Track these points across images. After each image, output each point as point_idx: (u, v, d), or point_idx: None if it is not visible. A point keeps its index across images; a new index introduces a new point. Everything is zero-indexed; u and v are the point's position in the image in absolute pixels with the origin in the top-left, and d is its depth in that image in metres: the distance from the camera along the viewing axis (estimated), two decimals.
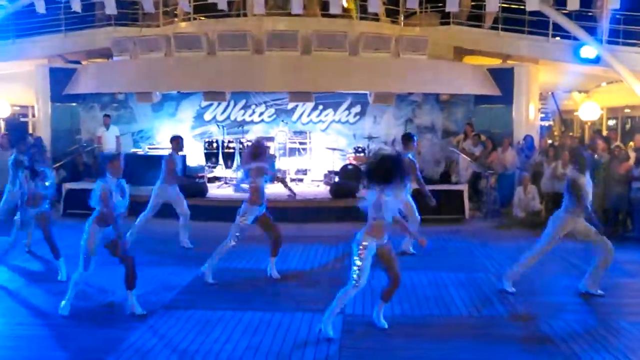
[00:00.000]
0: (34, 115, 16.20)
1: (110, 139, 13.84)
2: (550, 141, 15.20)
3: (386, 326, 5.71)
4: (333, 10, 13.56)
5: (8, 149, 12.29)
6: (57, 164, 12.61)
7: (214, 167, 13.88)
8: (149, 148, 14.14)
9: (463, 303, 6.53)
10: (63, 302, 6.08)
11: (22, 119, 18.59)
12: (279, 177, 8.69)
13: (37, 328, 5.78)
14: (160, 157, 13.70)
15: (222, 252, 7.36)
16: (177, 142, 9.22)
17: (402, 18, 15.94)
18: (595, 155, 10.66)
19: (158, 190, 9.04)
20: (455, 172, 13.66)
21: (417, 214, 8.41)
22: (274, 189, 12.88)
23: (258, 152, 7.49)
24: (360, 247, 5.54)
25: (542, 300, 6.68)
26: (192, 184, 11.96)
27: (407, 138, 8.68)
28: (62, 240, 7.64)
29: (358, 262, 5.53)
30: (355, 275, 5.53)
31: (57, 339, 5.46)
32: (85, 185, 11.72)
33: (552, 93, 17.10)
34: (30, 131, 17.08)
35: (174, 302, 6.47)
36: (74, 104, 14.67)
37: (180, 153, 9.46)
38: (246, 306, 6.39)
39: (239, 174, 8.84)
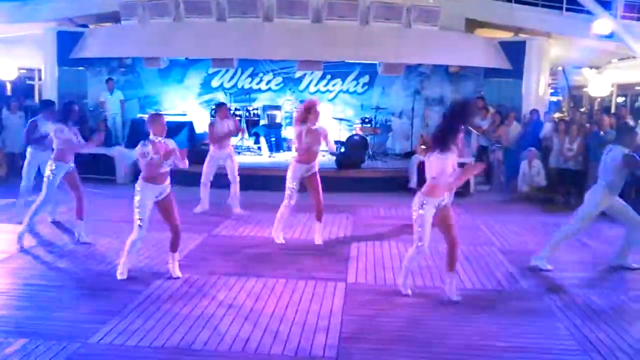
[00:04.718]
0: (40, 79, 16.14)
1: (114, 104, 13.83)
2: (557, 116, 15.13)
3: (459, 300, 5.73)
4: None
5: (16, 112, 12.36)
6: None
7: None
8: None
9: (467, 276, 6.55)
10: (119, 269, 6.14)
11: (28, 82, 18.54)
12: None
13: (43, 290, 5.83)
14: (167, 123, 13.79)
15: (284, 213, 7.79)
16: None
17: None
18: (601, 132, 10.61)
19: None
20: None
21: None
22: (280, 157, 13.01)
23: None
24: (420, 208, 5.63)
25: (546, 275, 6.70)
26: (198, 150, 11.97)
27: None
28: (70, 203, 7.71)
29: (419, 225, 5.66)
30: (417, 237, 5.69)
31: (61, 301, 5.53)
32: (92, 149, 11.74)
33: (563, 68, 16.90)
34: (37, 94, 17.12)
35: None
36: (81, 68, 14.61)
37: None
38: (250, 272, 6.45)
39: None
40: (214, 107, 11.55)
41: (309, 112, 7.50)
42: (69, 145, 7.42)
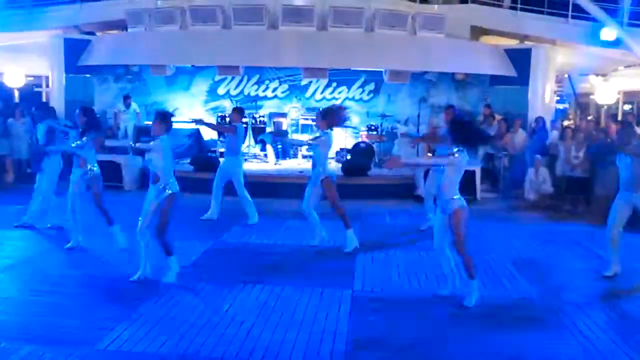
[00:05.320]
0: (47, 86, 16.22)
1: (129, 115, 14.05)
2: (565, 123, 15.10)
3: (470, 307, 5.77)
4: None
5: (20, 118, 12.40)
6: None
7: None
8: None
9: None
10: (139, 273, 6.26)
11: (35, 89, 18.63)
12: None
13: (50, 296, 5.84)
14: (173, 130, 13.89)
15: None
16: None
17: None
18: (608, 139, 10.57)
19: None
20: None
21: None
22: (286, 165, 13.03)
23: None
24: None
25: (553, 283, 6.67)
26: (205, 157, 12.03)
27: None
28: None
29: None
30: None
31: (68, 308, 5.52)
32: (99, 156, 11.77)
33: (569, 75, 16.88)
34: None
35: (185, 274, 6.49)
36: (88, 75, 14.67)
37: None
38: (256, 280, 6.42)
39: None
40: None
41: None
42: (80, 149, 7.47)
